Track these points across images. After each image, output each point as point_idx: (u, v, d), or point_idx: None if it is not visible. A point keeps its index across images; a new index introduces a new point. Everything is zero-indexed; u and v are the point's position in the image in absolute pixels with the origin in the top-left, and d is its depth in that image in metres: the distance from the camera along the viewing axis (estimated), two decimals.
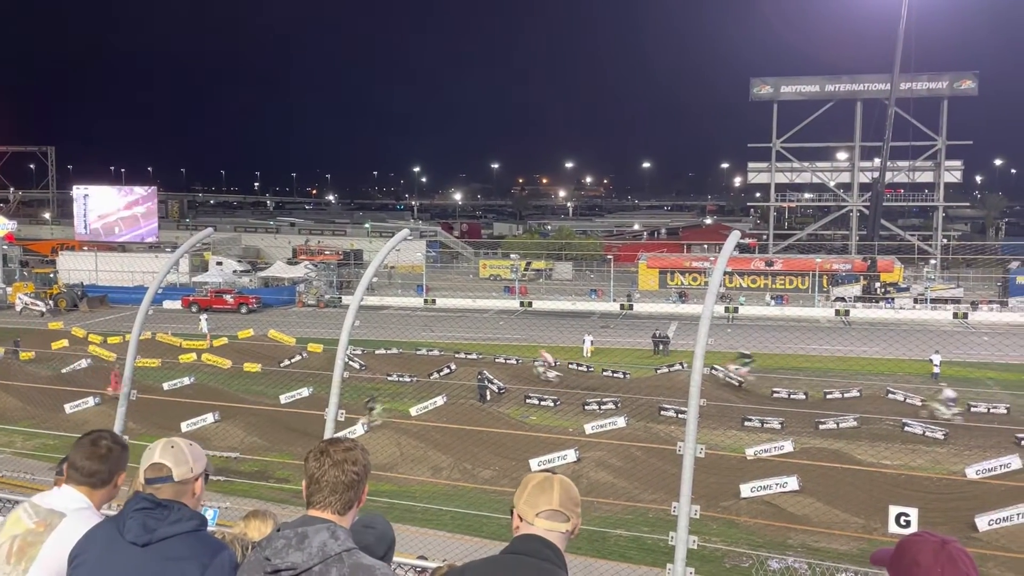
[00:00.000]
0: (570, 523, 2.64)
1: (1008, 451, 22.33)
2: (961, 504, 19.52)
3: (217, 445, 23.47)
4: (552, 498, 2.63)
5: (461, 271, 76.99)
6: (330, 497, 2.64)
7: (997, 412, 28.08)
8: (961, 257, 73.03)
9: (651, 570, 14.93)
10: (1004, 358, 35.53)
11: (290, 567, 2.51)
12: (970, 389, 31.68)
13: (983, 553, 16.31)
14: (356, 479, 2.66)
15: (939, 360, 33.93)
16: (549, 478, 2.71)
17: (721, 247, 6.38)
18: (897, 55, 65.82)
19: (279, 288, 63.29)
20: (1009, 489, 19.29)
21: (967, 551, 2.11)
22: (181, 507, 2.95)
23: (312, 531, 2.56)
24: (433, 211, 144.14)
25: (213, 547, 2.94)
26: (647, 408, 27.73)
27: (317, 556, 2.51)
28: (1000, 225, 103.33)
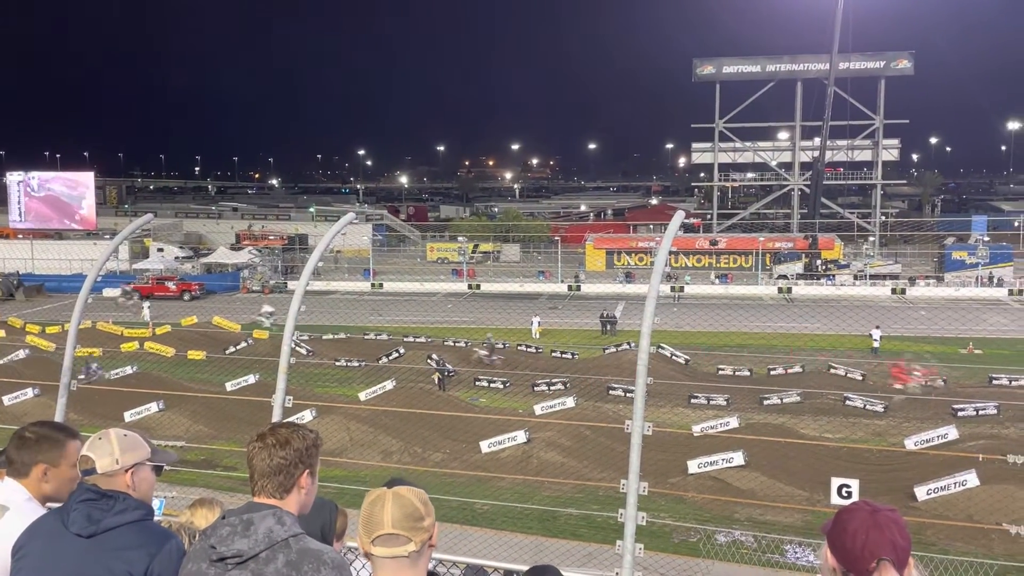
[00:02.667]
0: (412, 543, 2.33)
1: (945, 422, 23.01)
2: (901, 475, 20.08)
3: (162, 434, 23.12)
4: (384, 519, 2.33)
5: (408, 254, 76.63)
6: (261, 481, 2.61)
7: (935, 384, 28.89)
8: (899, 234, 74.77)
9: (601, 547, 15.10)
10: (940, 332, 36.55)
11: (236, 554, 2.48)
12: (909, 363, 32.56)
13: (922, 521, 16.82)
14: (285, 463, 2.61)
15: (879, 335, 34.69)
16: (381, 496, 2.38)
17: (666, 227, 6.44)
18: (835, 35, 66.88)
19: (223, 274, 62.36)
20: (946, 459, 19.89)
21: (900, 520, 2.16)
22: (126, 497, 2.90)
23: (258, 517, 2.53)
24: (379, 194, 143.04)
25: (160, 536, 2.91)
26: (596, 388, 27.98)
27: (263, 542, 2.48)
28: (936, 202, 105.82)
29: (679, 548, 16.52)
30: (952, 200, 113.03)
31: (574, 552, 15.93)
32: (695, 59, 77.50)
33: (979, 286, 55.18)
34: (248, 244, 73.85)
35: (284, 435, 2.67)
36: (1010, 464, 18.35)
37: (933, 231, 72.70)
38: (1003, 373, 29.54)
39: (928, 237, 69.75)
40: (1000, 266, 57.47)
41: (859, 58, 72.69)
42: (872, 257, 62.48)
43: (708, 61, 77.09)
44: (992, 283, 55.83)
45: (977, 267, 57.09)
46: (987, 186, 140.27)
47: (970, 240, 62.83)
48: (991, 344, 36.25)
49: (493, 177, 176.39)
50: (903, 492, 18.72)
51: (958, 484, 18.30)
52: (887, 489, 18.92)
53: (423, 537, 2.36)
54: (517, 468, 21.28)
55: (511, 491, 19.93)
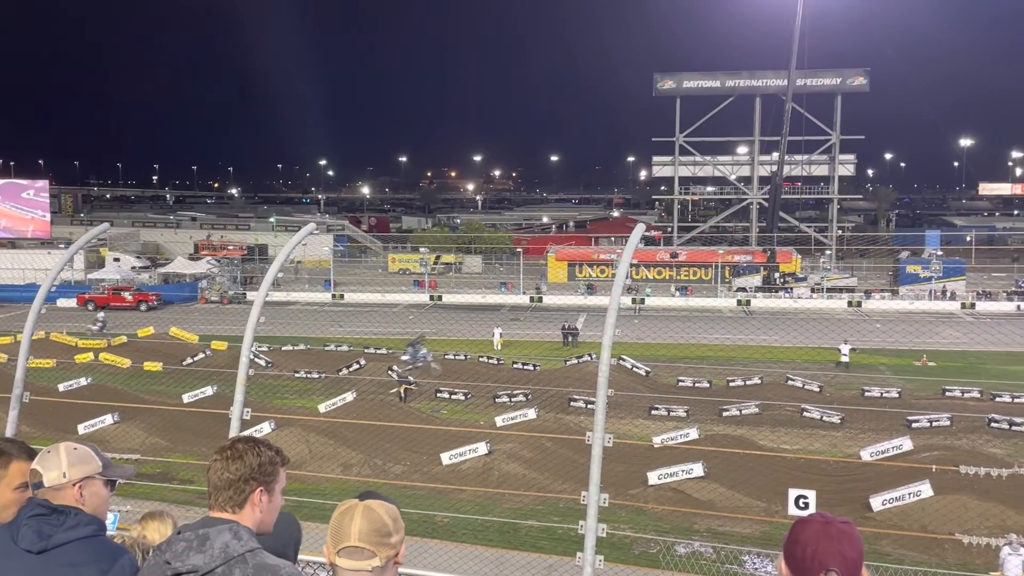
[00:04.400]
0: (377, 559, 2.31)
1: (900, 433, 23.37)
2: (856, 485, 20.34)
3: (117, 447, 22.70)
4: (351, 532, 2.31)
5: (369, 265, 76.29)
6: (215, 495, 2.59)
7: (889, 396, 29.35)
8: (855, 248, 76.07)
9: (562, 559, 15.10)
10: (895, 344, 37.18)
11: (191, 570, 2.44)
12: (864, 374, 33.07)
13: (877, 532, 17.05)
14: (235, 478, 2.58)
15: (848, 350, 34.85)
16: (352, 507, 2.37)
17: (627, 240, 6.48)
18: (793, 52, 68.01)
19: (180, 284, 61.52)
20: (901, 470, 20.18)
21: (853, 532, 2.18)
22: (78, 512, 2.84)
23: (214, 532, 2.49)
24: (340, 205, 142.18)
25: (112, 552, 2.85)
26: (557, 399, 28.01)
27: (219, 557, 2.45)
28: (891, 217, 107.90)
29: (639, 559, 16.57)
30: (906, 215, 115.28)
31: (535, 564, 15.92)
32: (656, 74, 78.35)
33: (932, 300, 56.26)
34: (207, 254, 72.98)
35: (240, 449, 2.64)
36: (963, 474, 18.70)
37: (888, 245, 74.10)
38: (956, 385, 30.09)
39: (883, 251, 71.04)
40: (953, 280, 58.67)
41: (816, 75, 74.02)
42: (829, 270, 63.43)
43: (669, 76, 77.97)
44: (945, 297, 56.94)
45: (930, 281, 58.19)
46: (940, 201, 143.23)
47: (924, 254, 64.10)
48: (944, 356, 36.93)
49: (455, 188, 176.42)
50: (859, 502, 18.95)
51: (912, 494, 18.56)
52: (843, 500, 19.16)
53: (389, 553, 2.34)
54: (478, 480, 21.21)
55: (472, 503, 19.86)
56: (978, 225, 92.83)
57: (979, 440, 24.20)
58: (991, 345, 37.04)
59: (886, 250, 71.02)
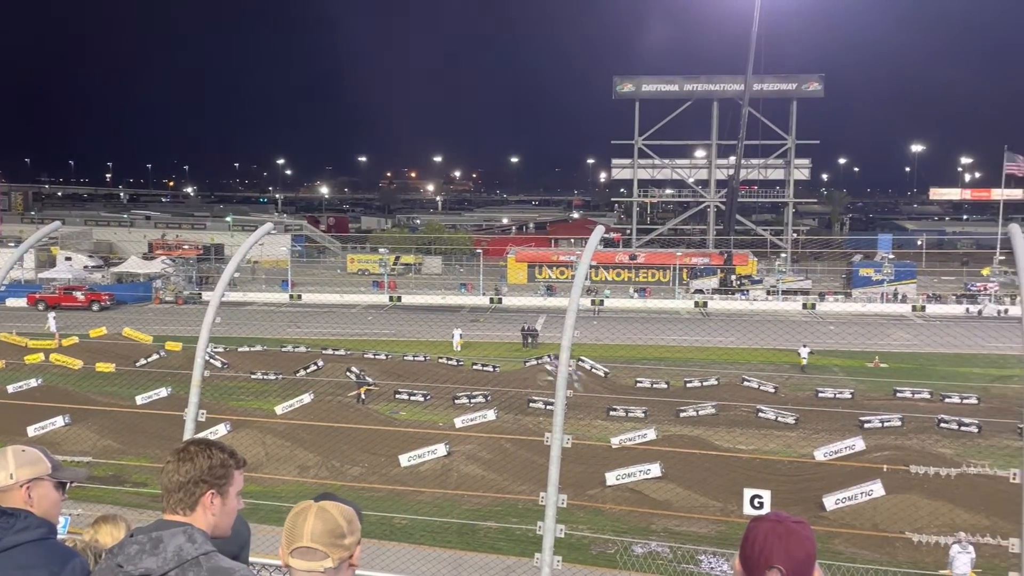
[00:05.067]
0: (330, 560, 2.29)
1: (852, 434, 23.73)
2: (810, 485, 20.63)
3: (68, 449, 22.24)
4: (303, 532, 2.30)
5: (328, 266, 75.73)
6: (167, 497, 2.58)
7: (842, 397, 29.81)
8: (809, 251, 77.19)
9: (520, 560, 15.12)
10: (848, 346, 37.82)
11: (144, 573, 2.41)
12: (818, 375, 33.57)
13: (830, 530, 17.31)
14: (185, 480, 2.56)
15: (807, 352, 35.27)
16: (305, 508, 2.35)
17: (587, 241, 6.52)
18: (750, 58, 68.89)
19: (134, 284, 60.55)
20: (853, 469, 20.50)
21: (803, 532, 2.21)
22: (28, 515, 2.80)
23: (168, 535, 2.46)
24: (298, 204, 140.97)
25: (63, 555, 2.82)
26: (517, 400, 28.03)
27: (173, 561, 2.42)
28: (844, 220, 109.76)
29: (597, 560, 16.65)
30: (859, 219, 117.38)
31: (493, 566, 15.92)
32: (615, 76, 78.84)
33: (884, 302, 57.34)
34: (161, 254, 71.91)
35: (191, 451, 2.62)
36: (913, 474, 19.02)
37: (841, 248, 75.31)
38: (907, 386, 30.66)
39: (837, 254, 72.20)
40: (904, 283, 59.86)
41: (772, 80, 75.05)
42: (784, 273, 64.31)
43: (628, 79, 78.49)
44: (897, 299, 58.05)
45: (883, 284, 59.28)
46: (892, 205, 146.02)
47: (876, 257, 65.23)
48: (895, 358, 37.62)
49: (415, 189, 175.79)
50: (813, 502, 19.22)
51: (864, 494, 18.86)
52: (797, 499, 19.41)
53: (342, 555, 2.32)
54: (437, 482, 21.15)
55: (430, 505, 19.80)
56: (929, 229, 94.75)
57: (929, 440, 24.70)
58: (941, 347, 37.81)
59: (840, 253, 72.18)
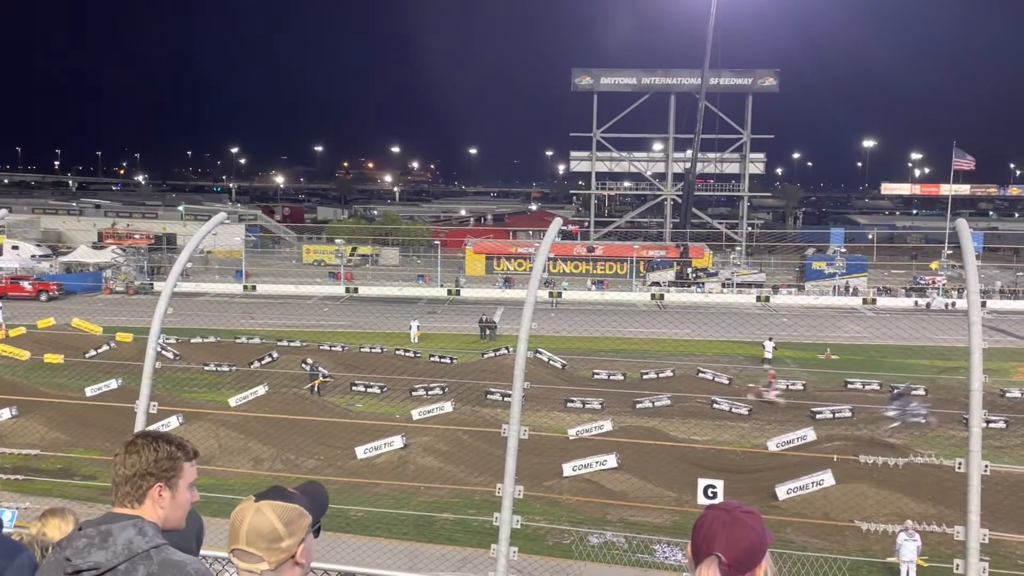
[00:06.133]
0: (265, 563, 2.25)
1: (804, 424, 24.11)
2: (763, 475, 20.93)
3: (14, 442, 21.80)
4: (239, 534, 2.27)
5: (283, 256, 75.03)
6: (116, 490, 2.54)
7: (795, 388, 30.30)
8: (763, 244, 78.20)
9: (476, 551, 15.15)
10: (800, 338, 38.41)
11: (93, 567, 2.36)
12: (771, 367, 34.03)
13: (782, 520, 17.57)
14: (131, 473, 2.53)
15: (772, 346, 35.56)
16: (244, 508, 2.33)
17: (545, 233, 6.52)
18: (707, 52, 69.45)
19: (83, 274, 59.46)
20: (804, 460, 20.84)
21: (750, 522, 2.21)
22: None
23: (117, 528, 2.42)
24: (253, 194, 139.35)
25: (10, 549, 2.79)
26: (474, 392, 28.05)
27: (123, 554, 2.38)
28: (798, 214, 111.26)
29: (553, 550, 16.72)
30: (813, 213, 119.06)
31: (449, 557, 15.92)
32: (574, 69, 79.05)
33: (836, 295, 58.33)
34: (112, 243, 70.59)
35: (138, 444, 2.58)
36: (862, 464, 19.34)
37: (795, 242, 76.40)
38: (857, 378, 31.25)
39: (790, 248, 73.25)
40: (855, 276, 60.93)
41: (729, 75, 75.78)
42: (739, 266, 65.14)
43: (586, 72, 78.72)
44: (848, 292, 59.08)
45: (835, 277, 60.28)
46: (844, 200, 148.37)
47: (828, 251, 66.31)
48: (846, 350, 38.29)
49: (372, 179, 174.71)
50: (765, 492, 19.50)
51: (815, 484, 19.19)
52: (751, 489, 19.69)
53: (279, 557, 2.26)
54: (393, 474, 21.08)
55: (387, 497, 19.74)
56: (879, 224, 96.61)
57: (879, 430, 25.20)
58: (890, 339, 38.54)
59: (793, 247, 73.26)
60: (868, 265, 63.46)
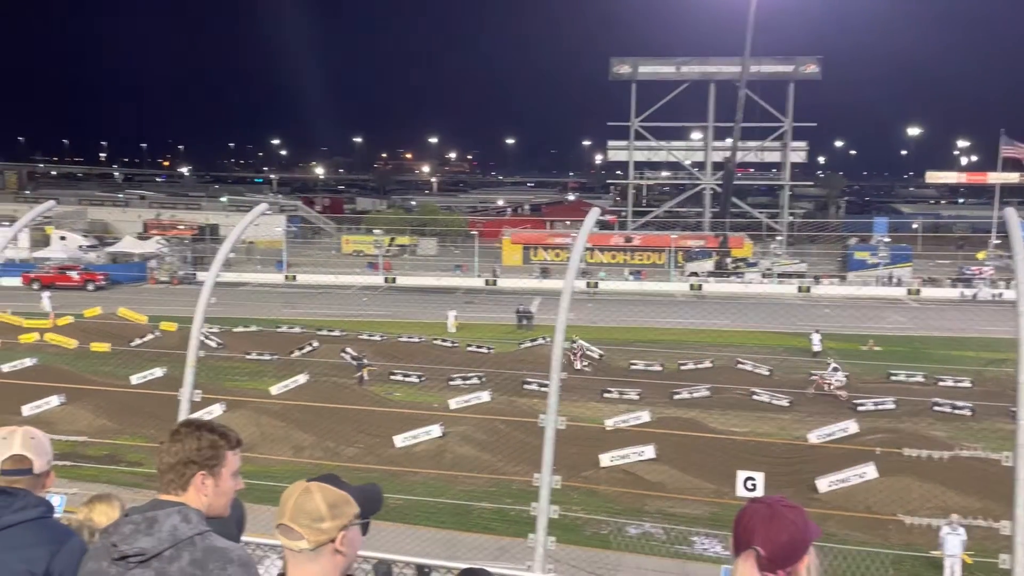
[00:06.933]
0: (305, 541, 2.29)
1: (846, 417, 23.87)
2: (804, 467, 20.72)
3: (63, 429, 22.29)
4: (285, 509, 2.32)
5: (323, 247, 75.63)
6: (161, 477, 2.60)
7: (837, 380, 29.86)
8: (805, 234, 77.20)
9: (514, 541, 15.17)
10: (842, 329, 37.91)
11: (138, 552, 2.41)
12: (812, 359, 33.66)
13: (823, 512, 17.38)
14: (174, 461, 2.58)
15: (819, 339, 34.81)
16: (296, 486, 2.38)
17: (582, 223, 6.50)
18: (747, 39, 68.57)
19: (129, 264, 60.50)
20: (846, 452, 20.60)
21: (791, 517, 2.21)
22: (27, 494, 2.84)
23: (163, 515, 2.47)
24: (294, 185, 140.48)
25: (60, 534, 2.85)
26: (511, 382, 28.09)
27: (168, 540, 2.43)
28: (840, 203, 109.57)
29: (590, 540, 16.73)
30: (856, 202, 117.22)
31: (487, 546, 15.98)
32: (612, 58, 78.52)
33: (879, 285, 57.46)
34: (156, 234, 71.76)
35: (182, 433, 2.64)
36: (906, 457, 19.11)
37: (837, 232, 75.33)
38: (901, 369, 30.78)
39: (832, 237, 72.27)
40: (899, 266, 59.96)
41: (770, 62, 74.77)
42: (779, 256, 64.38)
43: (624, 61, 78.16)
44: (892, 283, 58.18)
45: (878, 267, 59.39)
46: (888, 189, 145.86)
47: (872, 241, 65.31)
48: (890, 341, 37.72)
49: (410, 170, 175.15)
50: (805, 484, 19.32)
51: (857, 476, 18.98)
52: (791, 481, 19.50)
53: (319, 538, 2.30)
54: (431, 462, 21.21)
55: (425, 485, 19.86)
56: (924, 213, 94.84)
57: (922, 423, 24.81)
58: (935, 330, 37.95)
59: (835, 236, 72.25)
60: (913, 255, 62.40)
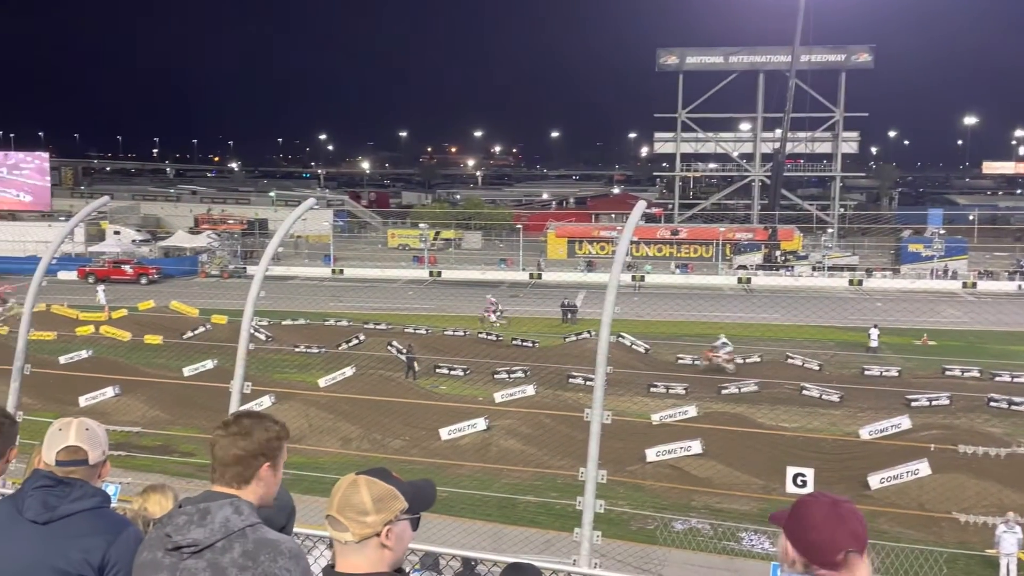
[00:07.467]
0: (350, 533, 2.31)
1: (898, 412, 23.41)
2: (855, 463, 20.40)
3: (118, 419, 22.79)
4: (333, 501, 2.35)
5: (369, 241, 76.18)
6: (221, 470, 2.61)
7: (889, 375, 29.41)
8: (857, 226, 75.88)
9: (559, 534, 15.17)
10: (896, 323, 37.20)
11: (192, 543, 2.46)
12: (864, 353, 33.11)
13: (875, 510, 17.12)
14: (245, 454, 2.60)
15: (877, 334, 34.07)
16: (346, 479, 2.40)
17: (628, 216, 6.46)
18: (798, 28, 67.56)
19: (181, 258, 61.56)
20: (899, 449, 20.24)
21: (858, 510, 2.24)
22: (83, 484, 2.90)
23: (215, 506, 2.51)
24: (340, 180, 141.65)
25: (116, 524, 2.90)
26: (556, 376, 28.06)
27: (220, 532, 2.46)
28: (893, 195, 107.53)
29: (636, 535, 16.67)
30: (909, 193, 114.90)
31: (532, 539, 16.01)
32: (659, 49, 77.84)
33: (934, 278, 56.25)
34: (207, 228, 72.91)
35: (247, 425, 2.65)
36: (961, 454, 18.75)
37: (890, 224, 73.90)
38: (956, 364, 30.12)
39: (885, 229, 70.88)
40: (955, 259, 58.66)
41: (820, 51, 73.52)
42: (830, 249, 63.39)
43: (671, 51, 77.45)
44: (947, 276, 56.92)
45: (932, 260, 58.16)
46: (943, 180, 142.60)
47: (926, 233, 63.98)
48: (945, 336, 36.95)
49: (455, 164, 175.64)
50: (857, 480, 19.03)
51: (910, 473, 18.64)
52: (841, 478, 19.23)
53: (364, 531, 2.32)
54: (476, 455, 21.29)
55: (470, 478, 19.94)
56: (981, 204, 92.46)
57: (978, 419, 24.27)
58: (991, 324, 37.07)
59: (888, 229, 70.87)
60: (968, 247, 60.96)
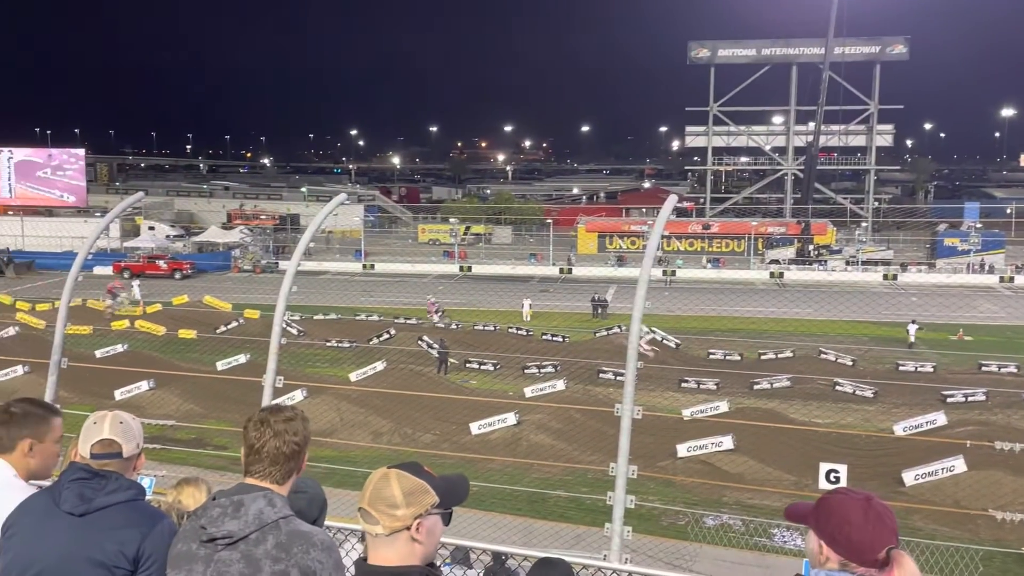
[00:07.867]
0: (380, 526, 2.34)
1: (934, 408, 23.11)
2: (888, 460, 20.17)
3: (152, 413, 23.08)
4: (365, 494, 2.39)
5: (400, 236, 76.48)
6: (270, 468, 2.63)
7: (924, 371, 29.03)
8: (891, 220, 74.90)
9: (590, 529, 15.17)
10: (931, 318, 36.70)
11: (226, 535, 2.49)
12: (899, 348, 32.72)
13: (909, 507, 16.93)
14: (297, 450, 2.65)
15: (915, 329, 33.65)
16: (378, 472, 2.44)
17: (659, 211, 6.43)
18: (831, 19, 66.71)
19: (214, 253, 62.18)
20: (934, 445, 19.98)
21: (886, 504, 2.25)
22: (119, 477, 2.94)
23: (249, 499, 2.54)
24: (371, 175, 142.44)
25: (151, 516, 2.95)
26: (586, 371, 28.03)
27: (254, 524, 2.50)
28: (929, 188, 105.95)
29: (667, 531, 16.60)
30: (945, 186, 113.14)
31: (563, 534, 16.01)
32: (690, 42, 77.23)
33: (970, 273, 55.42)
34: (239, 223, 73.57)
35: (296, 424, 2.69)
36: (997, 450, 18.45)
37: (926, 217, 72.86)
38: (992, 360, 29.68)
39: (920, 223, 69.89)
40: (992, 253, 57.68)
41: (854, 43, 72.49)
42: (864, 243, 62.57)
43: (703, 44, 76.81)
44: (983, 270, 56.06)
45: (969, 254, 57.24)
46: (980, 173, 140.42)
47: (962, 227, 62.98)
48: (981, 331, 36.41)
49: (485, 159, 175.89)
50: (891, 477, 18.82)
51: (946, 470, 18.41)
52: (875, 474, 19.03)
53: (394, 525, 2.34)
54: (507, 450, 21.32)
55: (500, 473, 19.98)
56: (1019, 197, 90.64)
57: (1015, 415, 23.88)
58: None
59: (923, 222, 69.87)
60: (1006, 241, 59.89)
